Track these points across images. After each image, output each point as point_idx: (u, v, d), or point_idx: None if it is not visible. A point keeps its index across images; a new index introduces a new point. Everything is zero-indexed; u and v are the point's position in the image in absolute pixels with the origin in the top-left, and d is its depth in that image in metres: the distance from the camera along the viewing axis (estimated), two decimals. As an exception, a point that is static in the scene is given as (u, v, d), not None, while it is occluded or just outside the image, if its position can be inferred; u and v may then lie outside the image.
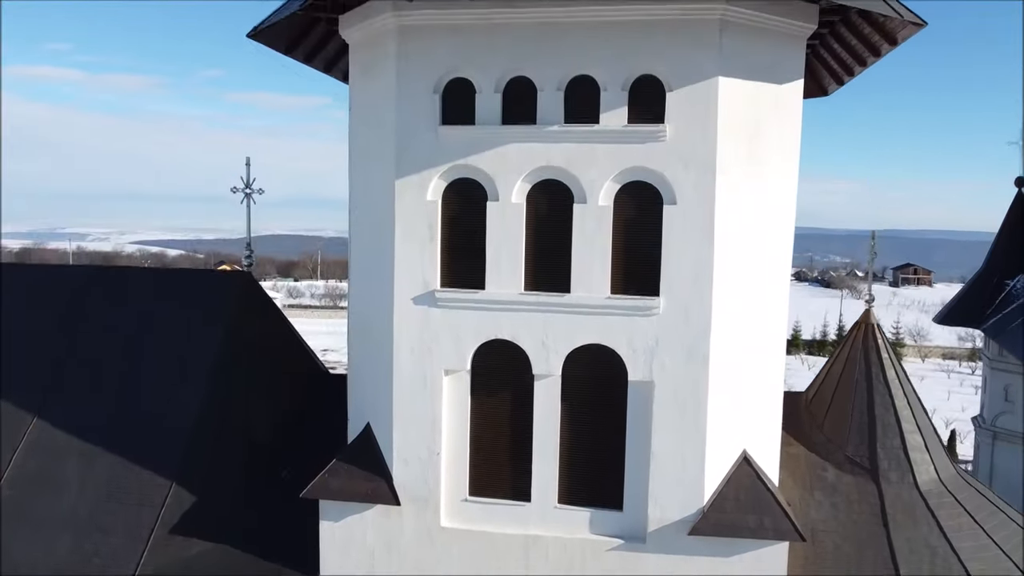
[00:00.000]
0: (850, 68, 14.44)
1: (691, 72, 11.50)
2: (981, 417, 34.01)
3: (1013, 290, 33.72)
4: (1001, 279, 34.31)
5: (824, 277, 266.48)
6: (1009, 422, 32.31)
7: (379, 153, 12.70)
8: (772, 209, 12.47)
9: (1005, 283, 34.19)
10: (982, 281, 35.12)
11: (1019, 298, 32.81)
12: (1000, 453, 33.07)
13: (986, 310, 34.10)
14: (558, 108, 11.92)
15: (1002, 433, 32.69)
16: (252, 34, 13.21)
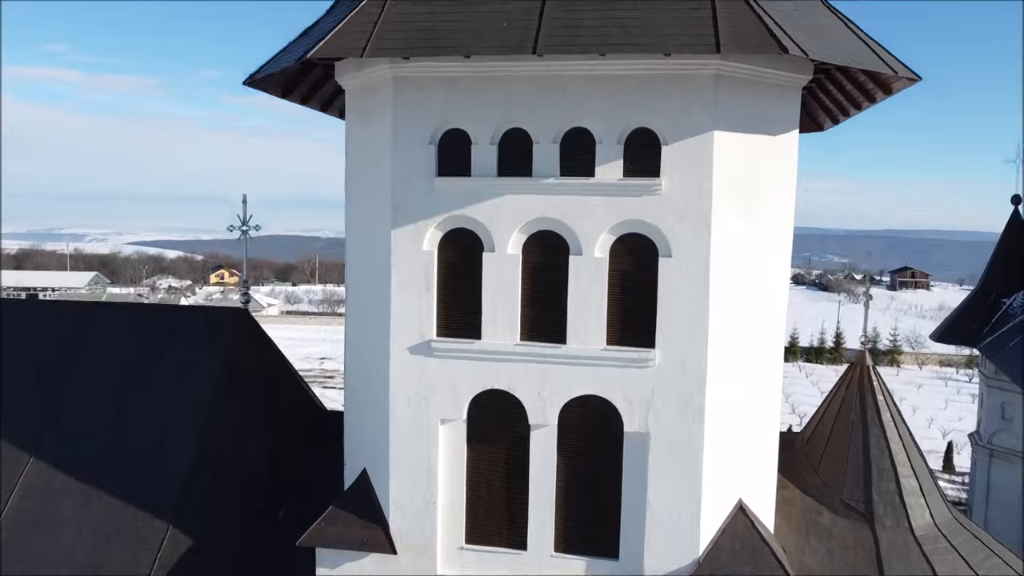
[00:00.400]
0: (845, 110, 14.50)
1: (686, 126, 11.54)
2: (978, 434, 34.08)
3: (1010, 308, 33.77)
4: (998, 297, 34.36)
5: (822, 280, 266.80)
6: (1006, 440, 32.38)
7: (375, 202, 12.74)
8: (768, 257, 12.52)
9: (1002, 301, 34.25)
10: (979, 298, 35.21)
11: (1016, 316, 32.87)
12: (997, 471, 33.12)
13: (983, 328, 34.16)
14: (554, 160, 11.95)
15: (999, 451, 32.76)
16: (248, 82, 13.25)
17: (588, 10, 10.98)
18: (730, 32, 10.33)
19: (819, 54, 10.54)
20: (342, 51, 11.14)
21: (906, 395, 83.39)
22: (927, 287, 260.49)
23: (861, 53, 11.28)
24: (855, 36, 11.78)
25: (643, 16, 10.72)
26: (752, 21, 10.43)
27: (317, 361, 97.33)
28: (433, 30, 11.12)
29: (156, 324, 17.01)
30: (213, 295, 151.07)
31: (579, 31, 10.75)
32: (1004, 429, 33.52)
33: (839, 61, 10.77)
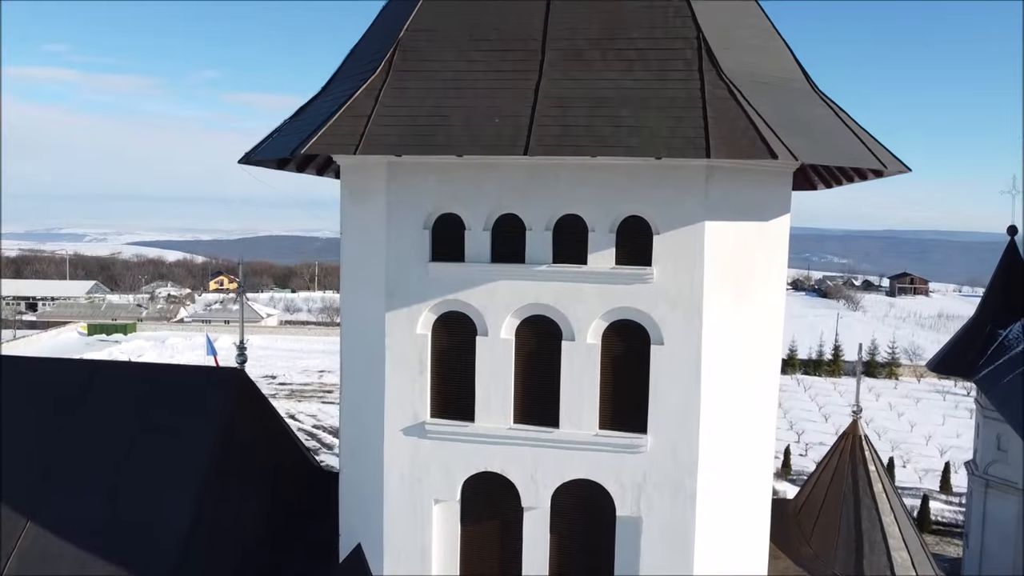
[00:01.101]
0: (839, 180, 14.61)
1: (678, 216, 11.64)
2: (974, 463, 34.12)
3: (1006, 340, 33.81)
4: (994, 328, 34.40)
5: (821, 287, 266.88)
6: (1002, 471, 32.40)
7: (370, 284, 12.83)
8: (759, 341, 12.61)
9: (998, 332, 34.28)
10: (975, 328, 35.26)
11: (1012, 348, 32.91)
12: (993, 501, 33.14)
13: (979, 359, 34.20)
14: (546, 247, 12.05)
15: (994, 482, 32.80)
16: (244, 161, 13.35)
17: (580, 107, 11.08)
18: (720, 135, 10.42)
19: (809, 156, 10.64)
20: (335, 148, 11.24)
21: (904, 410, 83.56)
22: (926, 293, 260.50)
23: (851, 149, 11.39)
24: (846, 128, 11.89)
25: (635, 116, 10.82)
26: (742, 123, 10.53)
27: (316, 375, 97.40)
28: (426, 126, 11.20)
29: (154, 386, 17.06)
30: (212, 305, 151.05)
31: (571, 130, 10.84)
32: (1000, 460, 33.54)
33: (829, 161, 10.88)
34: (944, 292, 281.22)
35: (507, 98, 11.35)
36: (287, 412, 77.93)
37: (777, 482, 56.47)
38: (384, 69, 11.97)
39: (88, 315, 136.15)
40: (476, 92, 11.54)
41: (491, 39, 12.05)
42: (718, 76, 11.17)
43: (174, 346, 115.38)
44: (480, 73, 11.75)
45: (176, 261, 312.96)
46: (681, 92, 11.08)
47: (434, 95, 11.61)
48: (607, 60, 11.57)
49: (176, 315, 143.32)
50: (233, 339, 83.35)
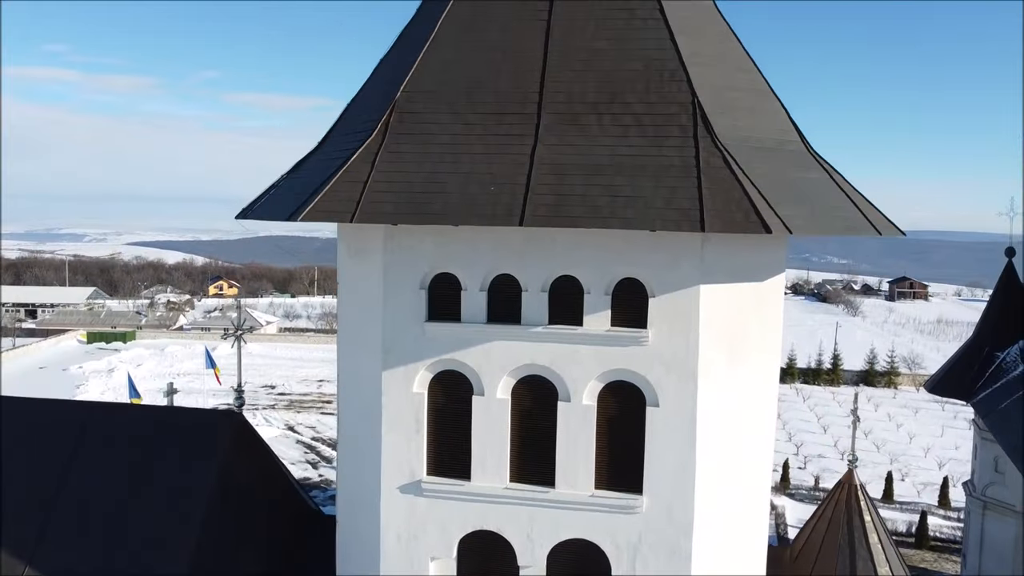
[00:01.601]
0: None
1: (673, 280, 11.68)
2: (971, 484, 34.14)
3: (1004, 362, 33.84)
4: (992, 349, 34.42)
5: (820, 291, 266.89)
6: (999, 493, 32.40)
7: (367, 343, 12.87)
8: (753, 402, 12.65)
9: (996, 354, 34.30)
10: (972, 350, 35.29)
11: (1009, 371, 32.91)
12: (990, 523, 33.14)
13: (977, 381, 34.24)
14: (542, 308, 12.09)
15: (992, 503, 32.83)
16: (241, 216, 13.40)
17: (576, 174, 11.13)
18: (715, 207, 10.47)
19: (803, 228, 10.69)
20: (331, 216, 11.28)
21: (903, 421, 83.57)
22: (925, 297, 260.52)
23: (846, 216, 11.45)
24: (841, 192, 11.94)
25: (630, 185, 10.86)
26: (737, 194, 10.58)
27: (315, 384, 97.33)
28: (422, 193, 11.25)
29: (151, 429, 17.09)
30: (212, 312, 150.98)
31: (566, 199, 10.89)
32: (997, 482, 33.53)
33: (823, 232, 10.92)
34: (944, 296, 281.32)
35: (503, 164, 11.40)
36: (286, 423, 78.11)
37: (776, 496, 56.47)
38: (381, 131, 12.03)
39: (88, 322, 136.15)
40: (472, 157, 11.59)
41: (488, 101, 12.10)
42: (713, 143, 11.22)
43: (173, 355, 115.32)
44: (476, 137, 11.80)
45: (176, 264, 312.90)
46: (676, 159, 11.13)
47: (431, 159, 11.66)
48: (603, 125, 11.62)
49: (176, 322, 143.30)
50: (232, 347, 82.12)
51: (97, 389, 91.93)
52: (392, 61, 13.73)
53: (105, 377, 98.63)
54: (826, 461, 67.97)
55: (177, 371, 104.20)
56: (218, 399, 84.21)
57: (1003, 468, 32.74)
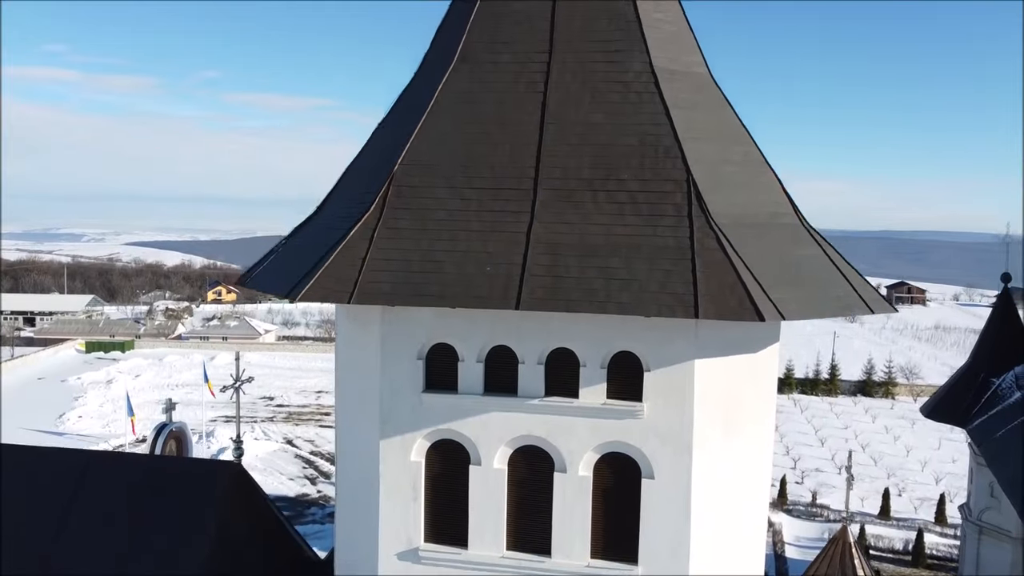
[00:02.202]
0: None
1: (668, 354, 11.79)
2: (968, 507, 34.32)
3: (999, 389, 33.99)
4: (987, 375, 34.58)
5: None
6: (995, 518, 32.59)
7: (364, 411, 12.98)
8: (748, 470, 12.76)
9: (991, 380, 34.46)
10: (968, 375, 35.46)
11: (1005, 399, 33.07)
12: (986, 547, 33.33)
13: (973, 407, 34.40)
14: (539, 381, 12.21)
15: (988, 529, 33.00)
16: (240, 284, 13.51)
17: (571, 255, 11.26)
18: (709, 293, 10.60)
19: (797, 312, 10.83)
20: (329, 296, 11.40)
21: (900, 433, 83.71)
22: (923, 302, 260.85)
23: (840, 295, 11.58)
24: (835, 269, 12.07)
25: (626, 267, 10.99)
26: (731, 279, 10.70)
27: (314, 396, 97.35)
28: (419, 273, 11.38)
29: (150, 479, 17.19)
30: (211, 320, 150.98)
31: (562, 281, 11.02)
32: (993, 507, 33.73)
33: (817, 316, 11.05)
34: (942, 301, 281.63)
35: (500, 242, 11.52)
36: (285, 437, 78.16)
37: (773, 513, 56.58)
38: (379, 206, 12.15)
39: (86, 331, 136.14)
40: (469, 234, 11.72)
41: (484, 175, 12.23)
42: (707, 222, 11.35)
43: (172, 365, 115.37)
44: (473, 213, 11.93)
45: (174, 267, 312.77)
46: (671, 240, 11.26)
47: (428, 236, 11.79)
48: (598, 202, 11.75)
49: (174, 331, 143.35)
50: (231, 357, 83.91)
51: (96, 401, 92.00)
52: (391, 127, 13.85)
53: (103, 388, 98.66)
54: (823, 475, 68.16)
55: (176, 382, 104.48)
56: (216, 411, 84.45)
57: (999, 494, 32.90)
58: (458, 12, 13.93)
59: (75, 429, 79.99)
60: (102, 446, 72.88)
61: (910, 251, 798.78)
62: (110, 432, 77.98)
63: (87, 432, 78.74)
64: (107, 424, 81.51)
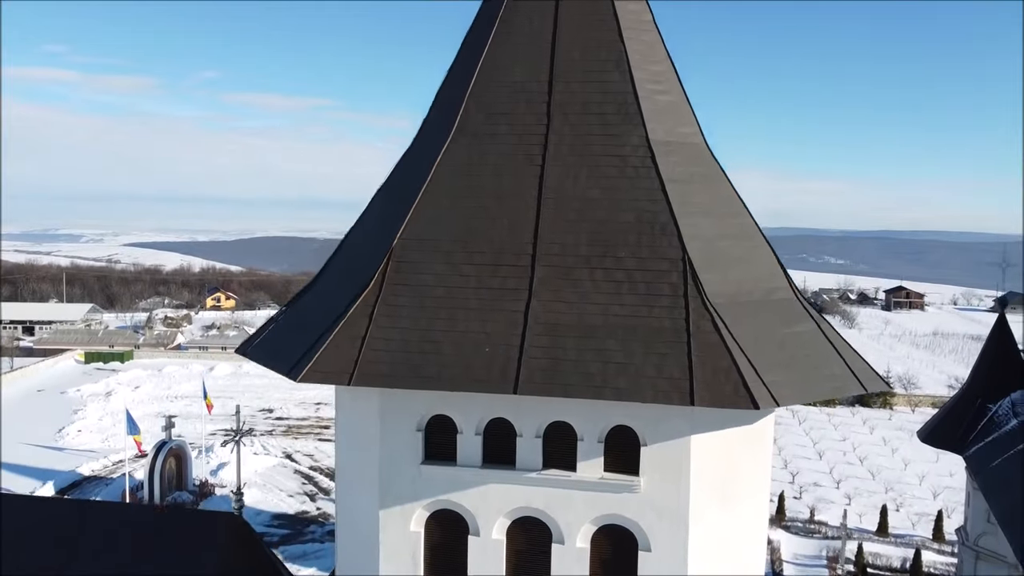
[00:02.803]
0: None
1: (664, 430, 11.93)
2: (964, 531, 34.46)
3: (995, 415, 34.16)
4: (984, 401, 34.76)
5: (817, 301, 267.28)
6: (991, 543, 32.73)
7: (364, 482, 13.10)
8: (744, 541, 12.90)
9: (988, 406, 34.64)
10: (964, 401, 35.65)
11: (1001, 425, 33.23)
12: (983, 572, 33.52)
13: (969, 433, 34.57)
14: (537, 453, 12.34)
15: (984, 554, 33.16)
16: (240, 352, 13.66)
17: (569, 337, 11.40)
18: (704, 379, 10.77)
19: (791, 398, 10.98)
20: (328, 378, 11.55)
21: (898, 445, 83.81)
22: (922, 307, 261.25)
23: (834, 372, 11.73)
24: (829, 345, 12.22)
25: (622, 350, 11.14)
26: (725, 363, 10.85)
27: (313, 408, 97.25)
28: (418, 353, 11.52)
29: (151, 529, 17.35)
30: (210, 330, 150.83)
31: (560, 364, 11.17)
32: (990, 532, 33.86)
33: (811, 399, 11.20)
34: (940, 305, 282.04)
35: (498, 322, 11.67)
36: (284, 451, 78.15)
37: (771, 530, 56.71)
38: (378, 282, 12.29)
39: (85, 341, 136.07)
40: (467, 313, 11.86)
41: (483, 251, 12.37)
42: (702, 303, 11.50)
43: (171, 376, 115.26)
44: (472, 291, 12.07)
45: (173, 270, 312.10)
46: (667, 321, 11.41)
47: (426, 315, 11.93)
48: (595, 280, 11.89)
49: (173, 341, 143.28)
50: (230, 368, 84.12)
51: (95, 414, 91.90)
52: (390, 196, 13.98)
53: (103, 401, 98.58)
54: (821, 490, 68.29)
55: (175, 393, 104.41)
56: (215, 424, 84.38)
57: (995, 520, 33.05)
58: (457, 80, 14.07)
59: (75, 443, 79.91)
60: (102, 461, 73.06)
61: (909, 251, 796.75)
62: (109, 447, 77.93)
63: (87, 447, 78.67)
64: (107, 439, 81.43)
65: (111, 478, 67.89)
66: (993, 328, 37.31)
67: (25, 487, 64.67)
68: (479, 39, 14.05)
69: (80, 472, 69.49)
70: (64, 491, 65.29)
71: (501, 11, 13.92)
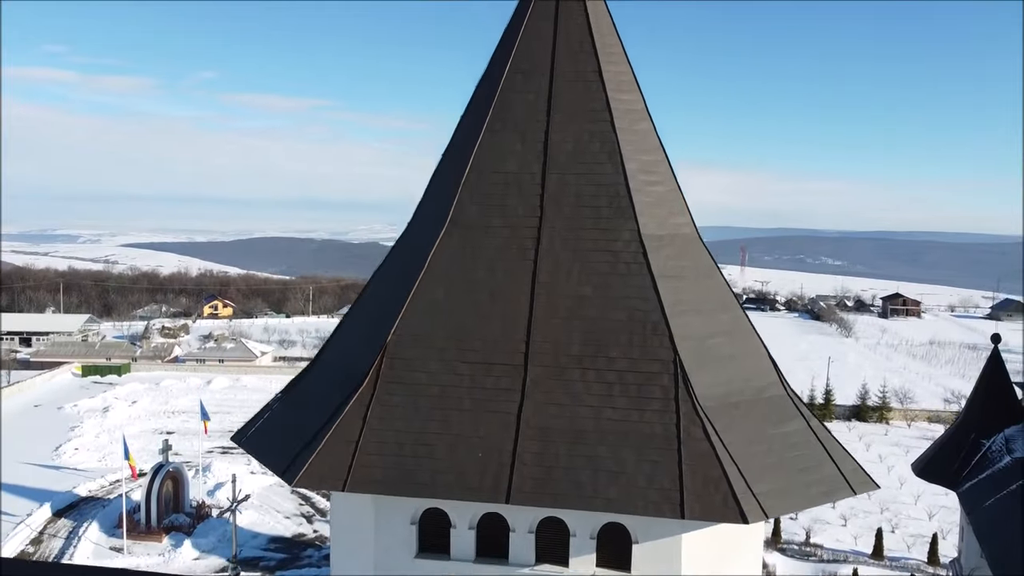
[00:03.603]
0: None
1: (656, 529, 12.04)
2: (959, 564, 34.57)
3: (989, 452, 34.31)
4: (978, 437, 34.92)
5: (814, 308, 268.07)
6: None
7: (359, 572, 13.22)
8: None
9: (981, 442, 34.79)
10: (958, 435, 35.78)
11: (995, 462, 33.34)
12: (978, 605, 33.66)
13: (963, 468, 34.73)
14: (529, 549, 12.45)
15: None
16: (235, 440, 13.80)
17: (561, 441, 11.54)
18: (695, 490, 10.91)
19: (780, 508, 11.13)
20: (323, 484, 11.70)
21: (894, 463, 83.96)
22: (918, 315, 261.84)
23: (824, 476, 11.87)
24: (819, 444, 12.37)
25: (613, 457, 11.28)
26: (716, 473, 11.00)
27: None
28: (411, 458, 11.66)
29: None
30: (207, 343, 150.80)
31: (552, 472, 11.31)
32: (983, 567, 33.92)
33: (800, 508, 11.35)
34: (936, 312, 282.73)
35: (491, 425, 11.81)
36: (281, 470, 78.07)
37: (767, 553, 56.86)
38: (372, 379, 12.43)
39: (82, 353, 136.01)
40: (461, 414, 12.00)
41: (477, 349, 12.50)
42: (693, 408, 11.64)
43: (168, 389, 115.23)
44: (465, 390, 12.20)
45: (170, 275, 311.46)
46: (658, 427, 11.55)
47: (420, 416, 12.07)
48: (587, 381, 12.03)
49: (171, 353, 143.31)
50: (228, 381, 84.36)
51: (92, 431, 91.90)
52: (385, 287, 14.11)
53: (100, 417, 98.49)
54: (817, 511, 68.33)
55: (172, 408, 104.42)
56: (212, 441, 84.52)
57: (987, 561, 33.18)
58: (451, 168, 14.20)
59: (72, 462, 79.88)
60: (99, 481, 73.08)
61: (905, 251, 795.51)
62: (106, 466, 77.94)
63: (84, 466, 78.67)
64: (103, 457, 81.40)
65: (108, 499, 67.92)
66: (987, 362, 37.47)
67: (23, 508, 64.79)
68: (474, 126, 14.18)
69: (77, 493, 69.53)
70: (61, 512, 65.39)
71: (495, 100, 14.07)
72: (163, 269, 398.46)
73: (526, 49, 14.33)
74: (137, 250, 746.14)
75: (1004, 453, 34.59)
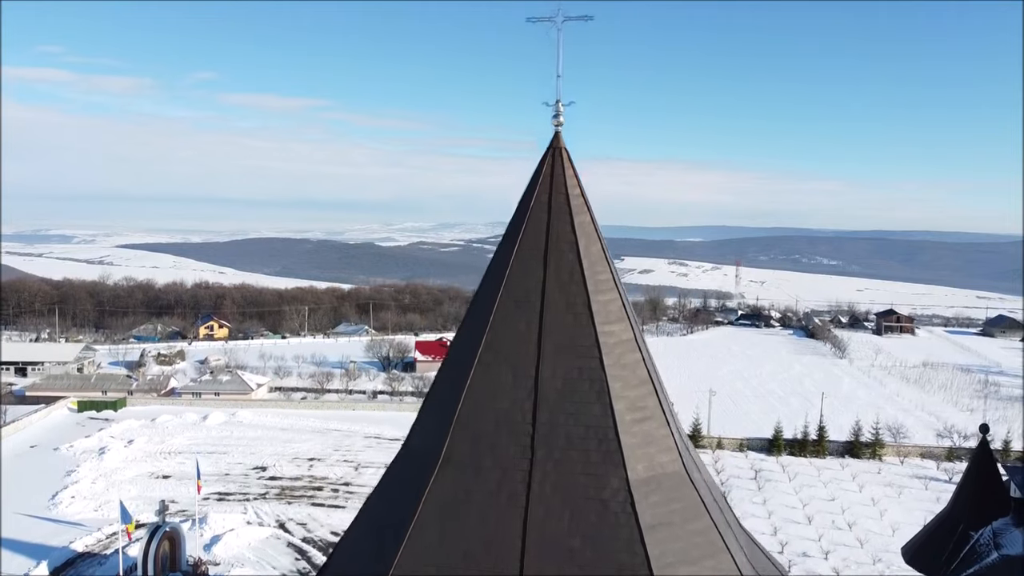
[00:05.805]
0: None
1: None
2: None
3: (978, 544, 34.78)
4: (966, 528, 35.37)
5: (808, 325, 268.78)
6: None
7: None
8: None
9: (970, 534, 35.25)
10: (946, 525, 36.23)
11: (983, 557, 33.82)
12: None
13: (952, 560, 35.20)
14: None
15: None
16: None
17: None
18: None
19: None
20: None
21: (887, 506, 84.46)
22: (912, 332, 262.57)
23: None
24: None
25: None
26: None
27: (307, 466, 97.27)
28: None
29: None
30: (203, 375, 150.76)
31: None
32: (975, 657, 34.33)
33: None
34: (930, 329, 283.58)
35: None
36: (277, 519, 78.26)
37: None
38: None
39: (78, 387, 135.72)
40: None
41: None
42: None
43: (165, 426, 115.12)
44: (457, 651, 12.60)
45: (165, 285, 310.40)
46: None
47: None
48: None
49: (166, 386, 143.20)
50: (224, 416, 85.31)
51: (88, 476, 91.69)
52: (379, 518, 14.48)
53: (96, 460, 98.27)
54: (811, 562, 68.90)
55: (168, 448, 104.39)
56: (209, 487, 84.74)
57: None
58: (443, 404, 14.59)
59: (68, 513, 79.73)
60: (95, 535, 73.19)
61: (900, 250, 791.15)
62: (103, 516, 77.90)
63: (80, 517, 78.55)
64: (100, 507, 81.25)
65: (105, 555, 68.06)
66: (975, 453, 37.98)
67: (20, 566, 64.91)
68: (465, 360, 14.59)
69: (74, 548, 69.60)
70: (59, 570, 65.51)
71: (485, 333, 14.48)
72: (158, 273, 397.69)
73: (520, 276, 14.74)
74: (132, 251, 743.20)
75: (991, 549, 35.10)
